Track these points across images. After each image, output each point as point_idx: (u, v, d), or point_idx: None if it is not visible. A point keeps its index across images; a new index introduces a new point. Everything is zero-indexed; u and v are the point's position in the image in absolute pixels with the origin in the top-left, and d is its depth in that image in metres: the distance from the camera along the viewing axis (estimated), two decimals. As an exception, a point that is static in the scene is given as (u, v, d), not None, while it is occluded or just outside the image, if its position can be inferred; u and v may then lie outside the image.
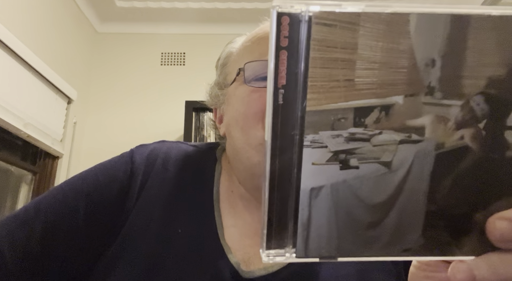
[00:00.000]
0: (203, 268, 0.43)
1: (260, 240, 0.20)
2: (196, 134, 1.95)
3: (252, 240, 0.46)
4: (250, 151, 0.46)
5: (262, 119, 0.45)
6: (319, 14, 0.18)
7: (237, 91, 0.49)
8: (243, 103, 0.47)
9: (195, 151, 0.55)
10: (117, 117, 2.23)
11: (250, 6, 2.30)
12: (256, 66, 0.48)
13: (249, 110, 0.46)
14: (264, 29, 0.51)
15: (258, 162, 0.45)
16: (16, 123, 1.57)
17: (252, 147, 0.45)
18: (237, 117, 0.48)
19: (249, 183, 0.48)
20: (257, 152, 0.45)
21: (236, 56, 0.52)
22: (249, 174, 0.47)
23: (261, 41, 0.50)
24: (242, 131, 0.47)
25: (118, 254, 0.45)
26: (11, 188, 1.75)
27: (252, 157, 0.46)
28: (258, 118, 0.45)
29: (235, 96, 0.49)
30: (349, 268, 0.43)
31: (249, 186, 0.48)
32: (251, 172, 0.47)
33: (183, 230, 0.46)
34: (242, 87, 0.48)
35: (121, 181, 0.49)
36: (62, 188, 0.49)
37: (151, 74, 2.33)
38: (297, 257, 0.20)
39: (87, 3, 2.22)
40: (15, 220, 0.46)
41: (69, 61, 2.06)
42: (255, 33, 0.52)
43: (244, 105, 0.47)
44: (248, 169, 0.47)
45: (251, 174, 0.47)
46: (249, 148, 0.46)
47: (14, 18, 1.59)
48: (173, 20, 2.41)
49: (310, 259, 0.20)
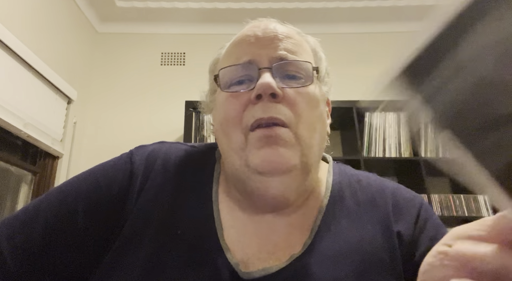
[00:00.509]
0: (203, 269, 0.43)
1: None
2: (196, 134, 1.95)
3: (250, 240, 0.46)
4: (233, 155, 0.46)
5: (239, 123, 0.45)
6: None
7: (219, 97, 0.50)
8: (223, 109, 0.48)
9: (194, 152, 0.55)
10: (117, 117, 2.23)
11: (250, 6, 2.30)
12: (229, 72, 0.48)
13: (228, 115, 0.47)
14: (244, 32, 0.51)
15: (239, 166, 0.45)
16: (16, 123, 1.57)
17: (234, 152, 0.46)
18: (221, 122, 0.48)
19: (238, 186, 0.48)
20: (238, 156, 0.45)
21: (221, 61, 0.52)
22: (235, 178, 0.48)
23: (238, 44, 0.50)
24: (225, 136, 0.47)
25: (118, 256, 0.45)
26: (11, 188, 1.75)
27: (234, 161, 0.46)
28: (236, 123, 0.46)
29: (218, 102, 0.50)
30: (347, 269, 0.43)
31: (239, 189, 0.49)
32: (236, 176, 0.47)
33: (182, 231, 0.46)
34: (221, 93, 0.49)
35: (120, 182, 0.49)
36: (61, 189, 0.49)
37: (151, 74, 2.33)
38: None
39: (87, 3, 2.22)
40: (15, 221, 0.46)
41: (69, 61, 2.06)
42: (236, 36, 0.52)
43: (224, 111, 0.48)
44: (234, 173, 0.48)
45: (237, 179, 0.48)
46: (232, 152, 0.46)
47: (14, 18, 1.59)
48: (173, 20, 2.41)
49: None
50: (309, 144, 0.45)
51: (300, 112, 0.45)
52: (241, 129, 0.45)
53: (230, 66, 0.48)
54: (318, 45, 0.54)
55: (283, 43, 0.48)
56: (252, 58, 0.47)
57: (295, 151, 0.44)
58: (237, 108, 0.46)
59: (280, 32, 0.49)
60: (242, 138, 0.45)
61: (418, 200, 0.51)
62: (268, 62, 0.46)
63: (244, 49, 0.48)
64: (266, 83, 0.43)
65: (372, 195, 0.51)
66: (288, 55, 0.47)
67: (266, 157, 0.42)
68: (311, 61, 0.49)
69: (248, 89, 0.46)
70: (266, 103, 0.44)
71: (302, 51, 0.49)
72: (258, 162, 0.43)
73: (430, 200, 1.83)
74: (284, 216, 0.48)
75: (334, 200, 0.50)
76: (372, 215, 0.49)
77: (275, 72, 0.46)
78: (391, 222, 0.48)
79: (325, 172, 0.54)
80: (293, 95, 0.45)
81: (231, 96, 0.47)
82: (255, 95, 0.44)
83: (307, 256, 0.44)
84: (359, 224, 0.47)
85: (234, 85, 0.48)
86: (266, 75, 0.45)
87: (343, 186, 0.52)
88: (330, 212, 0.49)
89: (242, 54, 0.48)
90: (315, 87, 0.48)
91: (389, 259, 0.45)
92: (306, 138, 0.45)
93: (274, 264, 0.43)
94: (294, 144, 0.44)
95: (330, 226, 0.47)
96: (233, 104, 0.46)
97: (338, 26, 2.46)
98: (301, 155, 0.44)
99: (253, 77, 0.46)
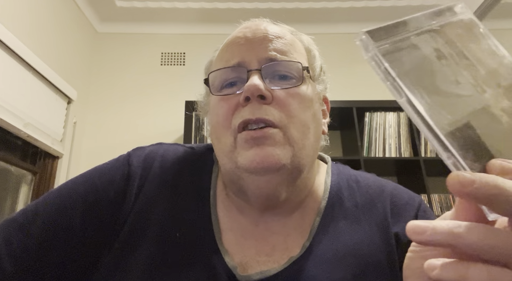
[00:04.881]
0: (201, 272, 0.43)
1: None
2: (196, 134, 1.94)
3: (248, 243, 0.46)
4: (224, 158, 0.46)
5: (229, 126, 0.45)
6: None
7: (211, 101, 0.50)
8: (214, 112, 0.48)
9: (192, 153, 0.55)
10: (117, 117, 2.23)
11: (250, 6, 2.30)
12: (219, 75, 0.48)
13: (219, 118, 0.47)
14: (234, 34, 0.51)
15: (230, 168, 0.45)
16: (16, 123, 1.57)
17: (225, 154, 0.46)
18: (213, 126, 0.48)
19: (232, 186, 0.48)
20: (228, 158, 0.45)
21: (213, 64, 0.52)
22: (229, 179, 0.48)
23: (229, 46, 0.50)
24: (217, 139, 0.47)
25: (118, 258, 0.44)
26: (11, 188, 1.75)
27: (226, 163, 0.46)
28: (226, 126, 0.46)
29: (210, 106, 0.50)
30: (345, 272, 0.43)
31: (233, 189, 0.49)
32: (229, 177, 0.47)
33: (181, 234, 0.46)
34: (213, 96, 0.49)
35: (118, 184, 0.49)
36: (59, 192, 0.49)
37: (151, 74, 2.33)
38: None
39: (87, 3, 2.22)
40: (13, 223, 0.46)
41: (69, 61, 2.06)
42: (227, 38, 0.52)
43: (215, 114, 0.48)
44: (227, 174, 0.48)
45: (230, 179, 0.48)
46: (223, 155, 0.46)
47: (14, 18, 1.59)
48: (173, 20, 2.41)
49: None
50: (301, 144, 0.45)
51: (292, 113, 0.45)
52: (230, 131, 0.45)
53: (219, 69, 0.48)
54: (312, 44, 0.54)
55: (273, 43, 0.47)
56: (242, 60, 0.47)
57: (285, 151, 0.43)
58: (227, 111, 0.46)
59: (270, 32, 0.49)
60: (231, 140, 0.45)
61: (416, 201, 0.51)
62: (258, 63, 0.46)
63: (233, 52, 0.48)
64: (253, 85, 0.43)
65: (370, 196, 0.51)
66: (278, 56, 0.47)
67: (254, 156, 0.42)
68: (303, 60, 0.49)
69: (238, 91, 0.46)
70: (255, 105, 0.44)
71: (293, 51, 0.49)
72: (247, 163, 0.43)
73: (430, 200, 1.83)
74: (282, 217, 0.48)
75: (333, 202, 0.50)
76: (370, 216, 0.48)
77: (265, 73, 0.46)
78: (389, 223, 0.47)
79: (324, 173, 0.54)
80: (284, 96, 0.45)
81: (221, 99, 0.47)
82: (243, 97, 0.44)
83: (305, 258, 0.44)
84: (357, 226, 0.47)
85: (225, 88, 0.48)
86: (254, 77, 0.44)
87: (342, 187, 0.52)
88: (328, 213, 0.48)
89: (232, 56, 0.48)
90: (307, 87, 0.48)
91: (387, 261, 0.44)
92: (298, 139, 0.44)
93: (272, 267, 0.43)
94: (284, 143, 0.43)
95: (328, 228, 0.47)
96: (223, 108, 0.46)
97: (338, 26, 2.46)
98: (292, 155, 0.44)
99: (243, 79, 0.46)
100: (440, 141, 0.23)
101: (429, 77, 0.25)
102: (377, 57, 0.25)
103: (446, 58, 0.26)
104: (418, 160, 1.89)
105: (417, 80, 0.24)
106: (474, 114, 0.24)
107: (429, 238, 0.21)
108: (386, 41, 0.25)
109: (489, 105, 0.24)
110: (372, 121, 2.02)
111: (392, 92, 0.24)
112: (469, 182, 0.20)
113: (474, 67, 0.26)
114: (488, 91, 0.25)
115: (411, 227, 0.22)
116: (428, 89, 0.24)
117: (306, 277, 0.42)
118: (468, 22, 0.28)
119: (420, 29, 0.27)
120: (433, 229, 0.21)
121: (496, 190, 0.20)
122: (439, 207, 1.86)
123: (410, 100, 0.23)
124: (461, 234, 0.20)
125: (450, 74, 0.25)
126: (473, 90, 0.25)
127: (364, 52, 0.25)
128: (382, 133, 1.99)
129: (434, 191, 1.90)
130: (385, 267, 0.44)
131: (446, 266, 0.21)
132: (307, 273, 0.42)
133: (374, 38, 0.25)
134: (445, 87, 0.25)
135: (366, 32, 0.25)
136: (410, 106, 0.23)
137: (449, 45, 0.27)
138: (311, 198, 0.50)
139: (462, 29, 0.28)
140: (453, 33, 0.27)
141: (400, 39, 0.26)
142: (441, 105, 0.24)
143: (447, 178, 0.21)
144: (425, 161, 1.88)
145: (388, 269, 0.44)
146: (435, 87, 0.24)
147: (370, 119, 2.02)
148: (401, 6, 2.30)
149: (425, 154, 1.93)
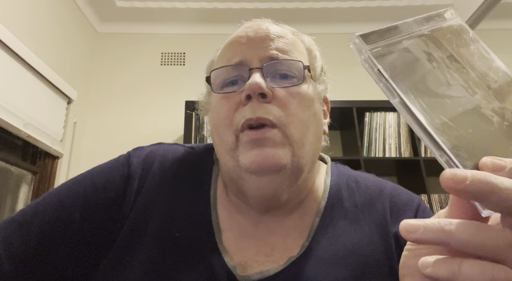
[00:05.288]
0: (200, 272, 0.43)
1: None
2: (196, 135, 1.94)
3: (248, 243, 0.46)
4: (226, 156, 0.46)
5: (231, 125, 0.45)
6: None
7: (212, 99, 0.50)
8: (216, 111, 0.48)
9: (192, 153, 0.55)
10: (117, 117, 2.23)
11: (250, 6, 2.30)
12: (221, 73, 0.48)
13: (220, 116, 0.47)
14: (236, 33, 0.51)
15: (232, 166, 0.45)
16: (16, 123, 1.57)
17: (226, 152, 0.46)
18: (214, 124, 0.48)
19: (232, 186, 0.48)
20: (230, 157, 0.45)
21: (214, 63, 0.52)
22: (229, 178, 0.48)
23: (231, 45, 0.50)
24: (218, 137, 0.47)
25: (117, 259, 0.45)
26: (11, 188, 1.75)
27: (227, 162, 0.46)
28: (227, 124, 0.46)
29: (212, 104, 0.51)
30: (345, 272, 0.43)
31: (233, 189, 0.49)
32: (230, 176, 0.47)
33: (181, 234, 0.46)
34: (214, 95, 0.49)
35: (117, 184, 0.49)
36: (59, 192, 0.49)
37: (151, 74, 2.33)
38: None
39: (87, 3, 2.22)
40: (12, 223, 0.46)
41: (69, 61, 2.06)
42: (229, 38, 0.52)
43: (216, 112, 0.48)
44: (227, 173, 0.48)
45: (230, 179, 0.48)
46: (225, 154, 0.46)
47: (15, 18, 1.59)
48: (173, 20, 2.41)
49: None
50: (301, 143, 0.45)
51: (292, 111, 0.45)
52: (232, 130, 0.45)
53: (221, 67, 0.48)
54: (313, 44, 0.54)
55: (274, 43, 0.48)
56: (243, 59, 0.47)
57: (285, 151, 0.43)
58: (228, 109, 0.46)
59: (272, 32, 0.49)
60: (233, 139, 0.45)
61: (415, 201, 0.51)
62: (259, 62, 0.46)
63: (235, 50, 0.48)
64: (254, 83, 0.43)
65: (369, 196, 0.51)
66: (279, 54, 0.47)
67: (256, 157, 0.42)
68: (304, 60, 0.49)
69: (239, 90, 0.46)
70: (256, 104, 0.44)
71: (294, 50, 0.49)
72: (248, 163, 0.43)
73: (430, 200, 1.83)
74: (281, 218, 0.48)
75: (332, 202, 0.50)
76: (369, 216, 0.48)
77: (266, 72, 0.46)
78: (388, 223, 0.47)
79: (323, 173, 0.54)
80: (284, 95, 0.45)
81: (223, 97, 0.47)
82: (244, 96, 0.44)
83: (305, 259, 0.44)
84: (356, 226, 0.47)
85: (227, 87, 0.48)
86: (256, 75, 0.45)
87: (341, 187, 0.52)
88: (327, 214, 0.48)
89: (234, 55, 0.48)
90: (308, 86, 0.48)
91: (386, 261, 0.45)
92: (297, 138, 0.45)
93: (272, 267, 0.43)
94: (284, 143, 0.44)
95: (327, 228, 0.47)
96: (224, 106, 0.46)
97: (338, 26, 2.46)
98: (292, 155, 0.44)
99: (245, 77, 0.46)
100: (433, 140, 0.23)
101: (421, 79, 0.26)
102: (370, 59, 0.26)
103: (437, 61, 0.27)
104: (418, 160, 1.89)
105: (410, 81, 0.25)
106: (466, 115, 0.25)
107: (421, 236, 0.21)
108: (379, 45, 0.26)
109: (480, 106, 0.25)
110: (372, 121, 2.02)
111: (386, 93, 0.25)
112: (462, 179, 0.20)
113: (464, 70, 0.26)
114: (479, 93, 0.26)
115: (403, 225, 0.22)
116: (420, 90, 0.25)
117: (305, 277, 0.42)
118: (458, 27, 0.29)
119: (411, 34, 0.28)
120: (424, 227, 0.21)
121: (488, 186, 0.20)
122: (439, 207, 1.86)
123: (403, 100, 0.24)
124: (452, 231, 0.21)
125: (442, 77, 0.26)
126: (464, 92, 0.26)
127: (358, 55, 0.26)
128: (382, 133, 1.99)
129: (434, 191, 1.90)
130: (384, 267, 0.44)
131: (439, 263, 0.21)
132: (307, 273, 0.42)
133: (367, 42, 0.26)
134: (437, 89, 0.25)
135: (359, 36, 0.26)
136: (403, 107, 0.24)
137: (440, 49, 0.27)
138: (311, 198, 0.50)
139: (452, 34, 0.28)
140: (443, 38, 0.28)
141: (392, 43, 0.27)
142: (433, 106, 0.24)
143: (440, 176, 0.21)
144: (425, 161, 1.88)
145: (387, 269, 0.44)
146: (427, 88, 0.25)
147: (370, 120, 2.02)
148: (401, 6, 2.30)
149: (425, 154, 1.93)
